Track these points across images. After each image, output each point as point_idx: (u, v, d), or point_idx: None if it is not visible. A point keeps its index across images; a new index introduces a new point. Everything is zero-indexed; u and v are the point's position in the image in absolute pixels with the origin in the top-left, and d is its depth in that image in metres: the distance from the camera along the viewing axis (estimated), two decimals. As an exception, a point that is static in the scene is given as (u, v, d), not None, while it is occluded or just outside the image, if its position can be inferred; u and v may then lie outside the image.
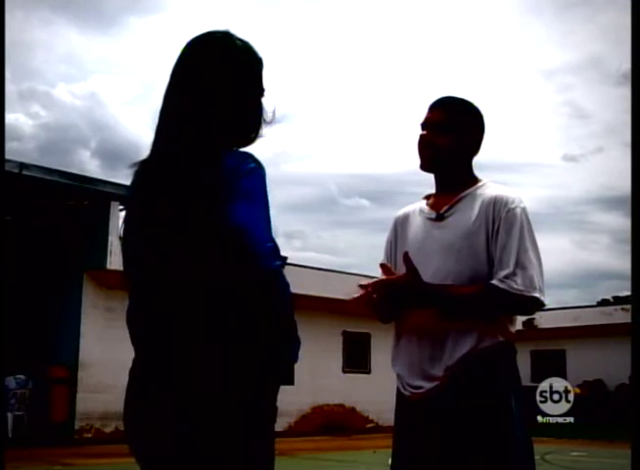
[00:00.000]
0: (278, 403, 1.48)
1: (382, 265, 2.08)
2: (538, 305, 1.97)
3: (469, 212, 2.05)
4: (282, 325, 1.43)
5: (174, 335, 1.45)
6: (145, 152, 1.61)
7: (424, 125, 2.14)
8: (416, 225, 2.16)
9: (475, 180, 2.15)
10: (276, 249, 1.41)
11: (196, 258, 1.42)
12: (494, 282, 1.95)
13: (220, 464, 1.41)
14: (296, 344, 1.47)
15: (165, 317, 1.47)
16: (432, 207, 2.15)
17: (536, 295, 1.94)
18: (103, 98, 57.54)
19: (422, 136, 2.13)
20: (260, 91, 1.63)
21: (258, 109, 1.61)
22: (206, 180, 1.43)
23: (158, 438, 1.45)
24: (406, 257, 1.94)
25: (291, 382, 1.48)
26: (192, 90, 1.55)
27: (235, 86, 1.56)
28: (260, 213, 1.41)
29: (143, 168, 1.58)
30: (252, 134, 1.61)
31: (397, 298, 1.97)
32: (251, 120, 1.60)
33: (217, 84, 1.54)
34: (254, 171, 1.46)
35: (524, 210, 2.02)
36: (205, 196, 1.42)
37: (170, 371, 1.44)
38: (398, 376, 2.10)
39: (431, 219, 2.12)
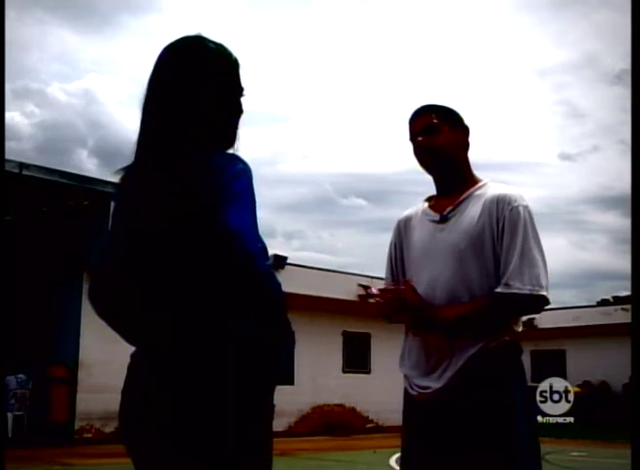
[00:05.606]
0: (278, 403, 1.48)
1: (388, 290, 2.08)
2: (545, 303, 1.98)
3: (472, 213, 2.05)
4: (276, 325, 1.43)
5: (171, 336, 1.46)
6: None
7: (415, 134, 2.14)
8: (420, 228, 2.16)
9: (475, 180, 2.15)
10: (264, 249, 1.43)
11: (189, 259, 1.44)
12: (499, 290, 1.96)
13: (219, 464, 1.42)
14: (290, 343, 1.47)
15: (161, 318, 1.47)
16: (434, 209, 2.15)
17: (543, 293, 1.95)
18: (98, 97, 57.51)
19: (418, 142, 2.12)
20: (238, 91, 1.64)
21: (237, 108, 1.63)
22: (195, 183, 1.44)
23: (157, 438, 1.45)
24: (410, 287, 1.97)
25: (287, 382, 1.48)
26: (171, 95, 1.55)
27: (212, 88, 1.57)
28: (249, 215, 1.43)
29: (129, 175, 1.58)
30: (234, 134, 1.62)
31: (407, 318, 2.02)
32: (231, 120, 1.61)
33: (195, 87, 1.55)
34: (242, 173, 1.47)
35: (526, 208, 2.02)
36: (195, 199, 1.43)
37: (169, 371, 1.45)
38: (405, 376, 2.11)
39: (434, 222, 2.12)
